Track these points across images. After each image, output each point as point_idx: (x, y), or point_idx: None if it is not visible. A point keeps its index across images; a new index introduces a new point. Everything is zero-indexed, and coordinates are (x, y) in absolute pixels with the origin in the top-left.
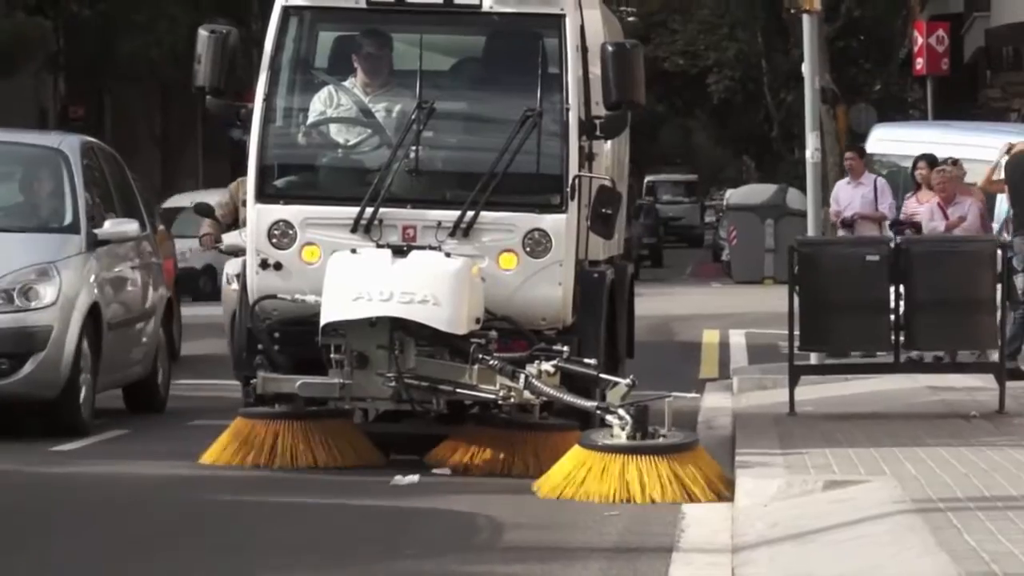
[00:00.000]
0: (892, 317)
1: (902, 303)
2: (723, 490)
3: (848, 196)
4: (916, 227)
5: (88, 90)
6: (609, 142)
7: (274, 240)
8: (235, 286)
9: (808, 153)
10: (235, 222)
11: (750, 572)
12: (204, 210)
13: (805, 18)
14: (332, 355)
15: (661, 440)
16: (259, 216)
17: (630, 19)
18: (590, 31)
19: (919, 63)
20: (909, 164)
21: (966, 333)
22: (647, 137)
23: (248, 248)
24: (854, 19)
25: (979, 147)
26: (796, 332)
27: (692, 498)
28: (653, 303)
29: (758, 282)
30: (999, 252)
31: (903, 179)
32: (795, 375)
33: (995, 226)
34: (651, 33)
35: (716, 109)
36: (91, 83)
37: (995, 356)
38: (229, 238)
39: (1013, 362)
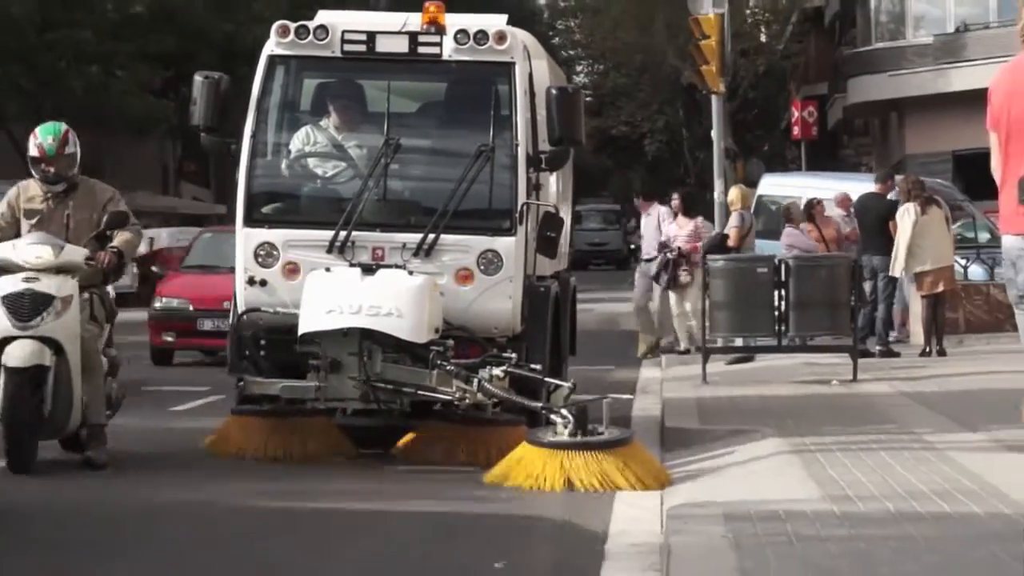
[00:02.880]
0: (776, 312)
1: (783, 302)
2: (655, 481)
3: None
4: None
5: (199, 151)
6: (554, 177)
7: (259, 259)
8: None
9: (716, 195)
10: (17, 234)
11: (675, 500)
12: None
13: (713, 98)
14: (310, 361)
15: (600, 437)
16: (246, 238)
17: (587, 99)
18: (537, 78)
19: (796, 130)
20: (787, 202)
21: (829, 323)
22: (598, 184)
23: (237, 266)
24: (749, 99)
25: (836, 190)
26: (707, 323)
27: (629, 487)
28: (603, 303)
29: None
30: (852, 265)
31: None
32: (706, 354)
33: None
34: (603, 109)
35: (650, 164)
36: (201, 145)
37: (850, 340)
38: (2, 251)
39: (863, 345)
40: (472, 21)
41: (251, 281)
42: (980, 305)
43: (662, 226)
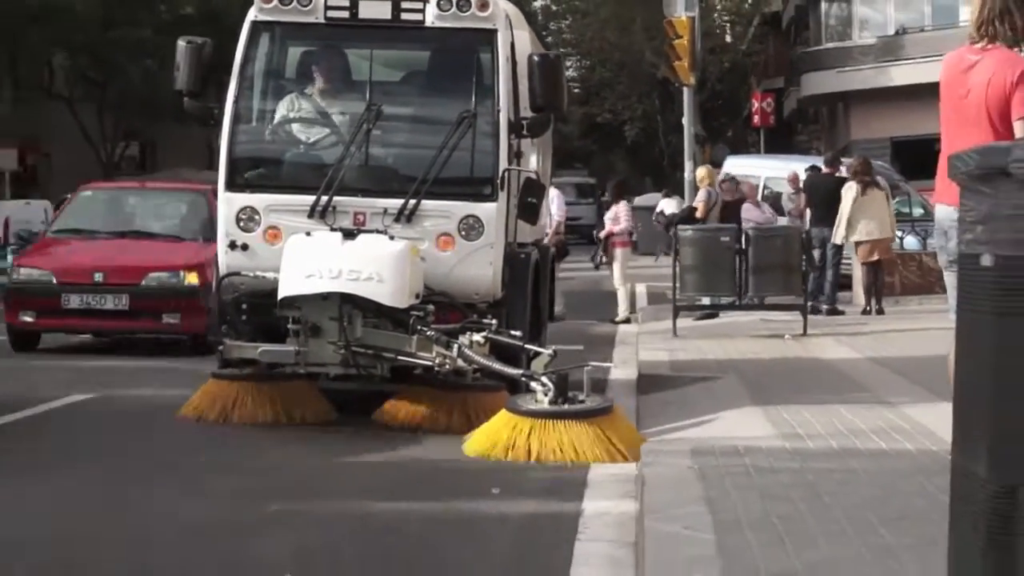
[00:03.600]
0: (736, 275)
1: (743, 267)
2: (635, 450)
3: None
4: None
5: None
6: (535, 151)
7: (241, 224)
8: None
9: (687, 173)
10: None
11: (648, 442)
12: None
13: (685, 90)
14: (289, 325)
15: (580, 405)
16: (228, 203)
17: (576, 91)
18: (519, 47)
19: (756, 118)
20: (751, 180)
21: (782, 285)
22: (583, 164)
23: (219, 230)
24: (716, 91)
25: (789, 170)
26: (677, 285)
27: (609, 458)
28: (588, 267)
29: (654, 254)
30: (803, 235)
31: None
32: (676, 311)
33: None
34: (589, 99)
35: (629, 147)
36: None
37: (801, 300)
38: None
39: (814, 303)
40: None
41: (232, 245)
42: (914, 271)
43: (551, 207)
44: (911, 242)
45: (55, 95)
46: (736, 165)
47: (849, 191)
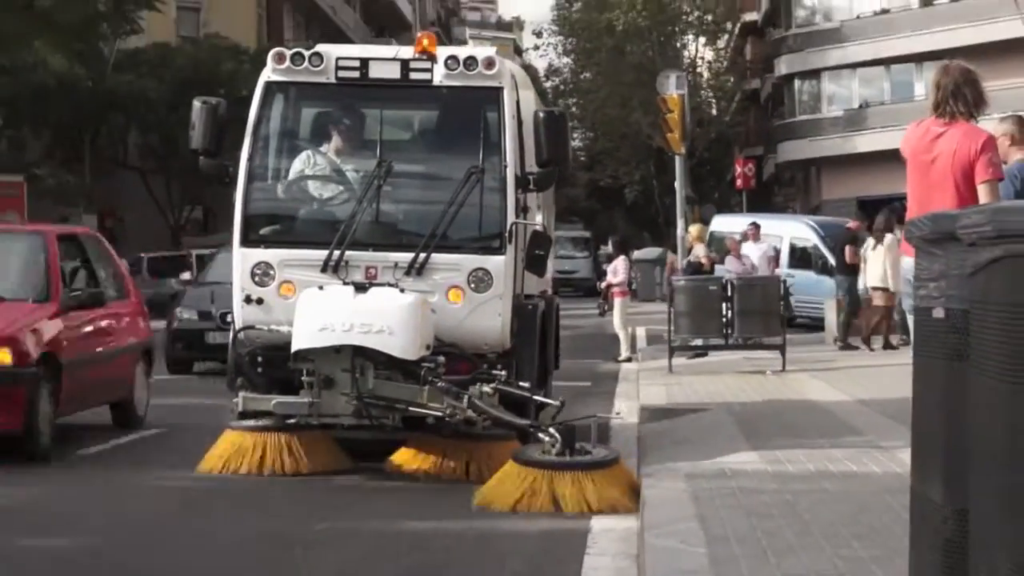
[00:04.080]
0: (724, 319)
1: (729, 311)
2: (636, 500)
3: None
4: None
5: None
6: (540, 208)
7: (256, 279)
8: None
9: (679, 230)
10: None
11: (648, 462)
12: None
13: (676, 158)
14: (303, 377)
15: (586, 457)
16: (244, 258)
17: (582, 159)
18: (524, 106)
19: (739, 182)
20: (735, 236)
21: (763, 328)
22: (587, 221)
23: (234, 285)
24: (704, 158)
25: (767, 226)
26: (672, 327)
27: (611, 511)
28: (594, 315)
29: (652, 301)
30: (782, 283)
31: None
32: (671, 351)
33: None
34: (593, 165)
35: (629, 207)
36: (199, 168)
37: (780, 340)
38: None
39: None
40: (462, 50)
41: (248, 300)
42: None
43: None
44: None
45: (129, 167)
46: (722, 223)
47: (867, 244)
